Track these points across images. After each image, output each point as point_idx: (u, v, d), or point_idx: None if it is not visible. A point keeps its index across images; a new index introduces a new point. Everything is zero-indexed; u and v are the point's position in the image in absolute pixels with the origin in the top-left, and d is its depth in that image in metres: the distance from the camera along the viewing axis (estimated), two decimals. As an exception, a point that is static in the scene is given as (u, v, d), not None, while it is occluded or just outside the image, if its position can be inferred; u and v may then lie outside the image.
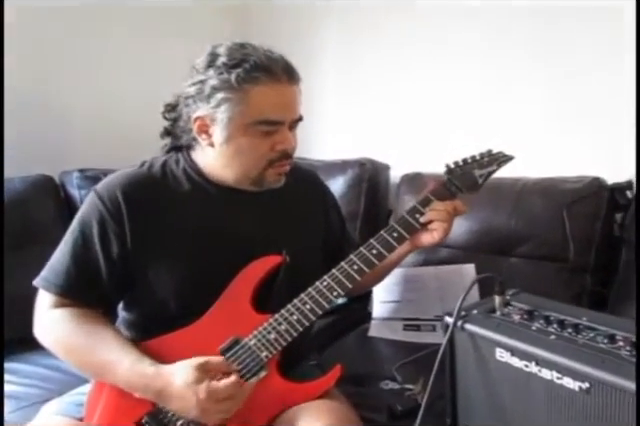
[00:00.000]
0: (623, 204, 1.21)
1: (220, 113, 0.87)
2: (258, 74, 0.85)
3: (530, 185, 1.27)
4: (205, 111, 0.88)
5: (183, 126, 0.95)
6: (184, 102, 0.92)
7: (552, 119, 1.46)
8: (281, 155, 0.91)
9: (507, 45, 1.52)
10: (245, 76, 0.84)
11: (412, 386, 1.07)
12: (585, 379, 0.68)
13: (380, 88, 1.82)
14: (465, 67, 1.61)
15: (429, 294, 1.32)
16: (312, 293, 0.90)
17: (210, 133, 0.90)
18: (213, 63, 0.87)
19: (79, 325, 0.88)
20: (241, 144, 0.89)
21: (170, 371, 0.81)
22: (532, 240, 1.24)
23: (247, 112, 0.86)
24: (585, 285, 1.19)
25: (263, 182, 0.94)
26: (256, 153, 0.90)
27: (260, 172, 0.92)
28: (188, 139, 0.96)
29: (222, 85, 0.85)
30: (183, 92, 0.92)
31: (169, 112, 0.99)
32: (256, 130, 0.88)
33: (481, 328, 0.81)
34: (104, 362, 0.84)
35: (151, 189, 0.93)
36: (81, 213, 0.93)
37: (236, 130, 0.88)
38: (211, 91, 0.86)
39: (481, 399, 0.84)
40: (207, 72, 0.87)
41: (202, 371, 0.79)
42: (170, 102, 0.99)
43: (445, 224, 0.94)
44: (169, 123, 1.00)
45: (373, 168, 1.65)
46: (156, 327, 0.90)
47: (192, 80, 0.90)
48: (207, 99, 0.87)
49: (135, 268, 0.91)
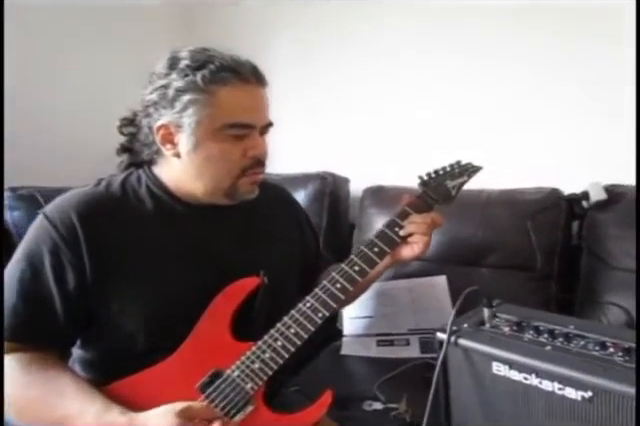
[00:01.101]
0: (579, 214, 1.27)
1: (187, 117, 0.81)
2: (226, 74, 0.80)
3: (494, 197, 1.30)
4: (169, 117, 0.82)
5: (143, 139, 0.88)
6: (144, 112, 0.85)
7: (508, 131, 1.52)
8: (254, 162, 0.86)
9: (463, 57, 1.57)
10: (212, 77, 0.79)
11: (396, 405, 1.04)
12: (588, 388, 0.68)
13: (336, 102, 1.82)
14: (421, 82, 1.65)
15: (402, 308, 1.31)
16: (296, 316, 0.85)
17: (175, 142, 0.83)
18: (175, 66, 0.82)
19: (30, 374, 0.77)
20: (211, 150, 0.83)
21: (145, 418, 0.72)
22: (500, 250, 1.27)
23: (216, 115, 0.81)
24: (551, 292, 1.23)
25: (236, 193, 0.87)
26: (228, 160, 0.84)
27: (233, 181, 0.86)
28: (150, 153, 0.89)
29: (188, 86, 0.80)
30: (143, 101, 0.85)
31: (126, 126, 0.91)
32: (226, 135, 0.82)
33: (475, 342, 0.80)
34: (64, 417, 0.74)
35: (111, 210, 0.84)
36: (28, 241, 0.82)
37: (205, 135, 0.82)
38: (175, 94, 0.80)
39: (477, 414, 0.82)
40: (169, 76, 0.81)
41: (184, 418, 0.71)
42: (126, 116, 0.92)
43: (425, 237, 0.93)
44: (126, 139, 0.92)
45: (334, 181, 1.63)
46: (120, 366, 0.81)
47: (152, 86, 0.83)
48: (171, 103, 0.81)
49: (96, 301, 0.81)
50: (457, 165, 1.04)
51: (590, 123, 1.40)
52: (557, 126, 1.44)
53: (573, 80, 1.42)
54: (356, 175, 1.75)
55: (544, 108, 1.46)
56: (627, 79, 1.31)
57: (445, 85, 1.62)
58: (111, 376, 0.80)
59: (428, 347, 1.26)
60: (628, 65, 1.30)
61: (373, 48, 1.72)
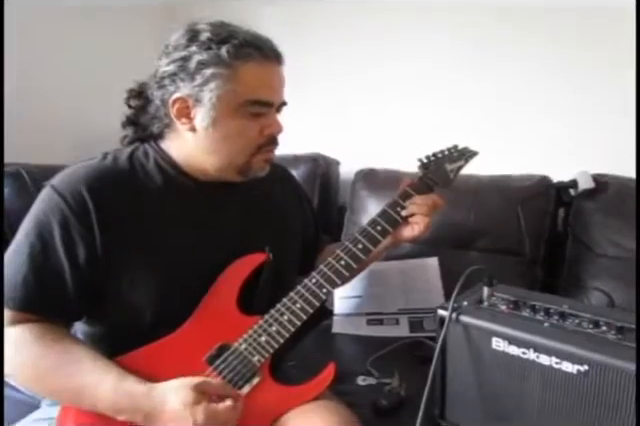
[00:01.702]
0: (566, 201, 1.32)
1: (207, 91, 0.79)
2: (249, 50, 0.79)
3: (485, 183, 1.34)
4: (188, 90, 0.80)
5: (154, 112, 0.86)
6: (158, 84, 0.83)
7: (500, 118, 1.55)
8: (269, 140, 0.86)
9: (456, 43, 1.59)
10: (236, 52, 0.78)
11: (389, 380, 1.08)
12: (584, 362, 0.72)
13: (327, 85, 1.81)
14: (414, 65, 1.66)
15: (392, 288, 1.34)
16: (302, 291, 0.87)
17: (192, 116, 0.82)
18: (196, 38, 0.80)
19: (45, 344, 0.76)
20: (230, 127, 0.82)
21: (163, 390, 0.73)
22: (490, 235, 1.31)
23: (238, 90, 0.80)
24: (537, 276, 1.29)
25: (249, 170, 0.87)
26: (245, 137, 0.83)
27: (248, 159, 0.85)
28: (160, 127, 0.87)
29: (211, 60, 0.78)
30: (157, 72, 0.83)
31: (133, 98, 0.89)
32: (245, 111, 0.81)
33: (477, 319, 0.83)
34: (81, 385, 0.74)
35: (119, 184, 0.82)
36: (36, 213, 0.79)
37: (224, 111, 0.80)
38: (197, 67, 0.78)
39: (473, 387, 0.86)
40: (189, 48, 0.79)
41: (199, 392, 0.72)
42: (133, 88, 0.89)
43: (427, 217, 0.95)
44: (132, 111, 0.90)
45: (325, 164, 1.64)
46: (126, 340, 0.80)
47: (169, 58, 0.81)
48: (192, 76, 0.79)
49: (106, 274, 0.80)
50: (454, 149, 1.06)
51: (581, 113, 1.45)
52: (548, 115, 1.48)
53: (564, 70, 1.46)
54: (346, 158, 1.76)
55: (535, 97, 1.50)
56: (618, 70, 1.36)
57: (438, 71, 1.64)
58: (117, 350, 0.80)
59: (417, 326, 1.31)
60: (619, 56, 1.34)
61: (367, 30, 1.72)
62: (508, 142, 1.52)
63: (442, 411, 0.92)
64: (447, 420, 0.92)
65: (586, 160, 1.37)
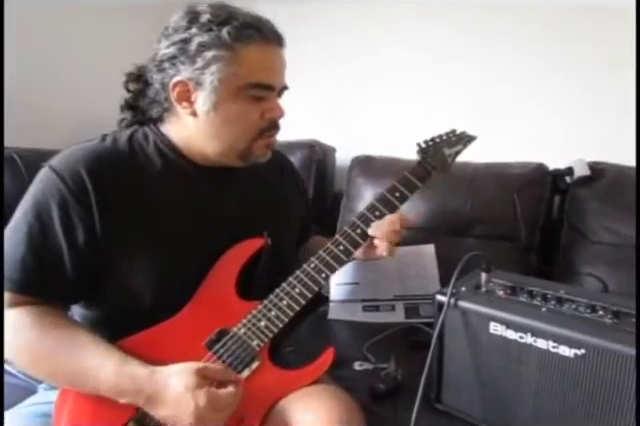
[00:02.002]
0: (562, 189, 1.32)
1: (209, 75, 0.78)
2: (250, 32, 0.77)
3: (482, 170, 1.34)
4: (189, 74, 0.78)
5: (153, 96, 0.84)
6: (158, 67, 0.81)
7: (496, 106, 1.55)
8: (270, 124, 0.85)
9: (454, 31, 1.57)
10: (237, 33, 0.76)
11: (385, 365, 1.09)
12: (581, 346, 0.73)
13: (323, 72, 1.79)
14: (411, 53, 1.65)
15: (388, 275, 1.34)
16: (300, 276, 0.87)
17: (192, 100, 0.80)
18: (196, 20, 0.78)
19: (44, 327, 0.75)
20: (231, 110, 0.81)
21: (166, 373, 0.72)
22: (486, 221, 1.31)
23: (240, 73, 0.78)
24: (532, 263, 1.29)
25: (250, 155, 0.86)
26: (246, 121, 0.82)
27: (249, 143, 0.84)
28: (159, 111, 0.85)
29: (212, 42, 0.76)
30: (156, 55, 0.81)
31: (132, 82, 0.87)
32: (247, 95, 0.80)
33: (475, 304, 0.84)
34: (83, 368, 0.73)
35: (119, 166, 0.81)
36: (34, 194, 0.78)
37: (226, 94, 0.79)
38: (198, 49, 0.77)
39: (469, 371, 0.87)
40: (189, 30, 0.77)
41: (202, 376, 0.72)
42: (132, 71, 0.87)
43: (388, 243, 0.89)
44: (130, 95, 0.88)
45: (321, 150, 1.63)
46: (124, 324, 0.80)
47: (169, 40, 0.79)
48: (192, 59, 0.77)
49: (105, 257, 0.79)
50: (453, 134, 1.05)
51: (576, 101, 1.45)
52: (544, 103, 1.49)
53: (561, 59, 1.45)
54: (341, 145, 1.75)
55: (532, 85, 1.50)
56: (615, 59, 1.35)
57: (435, 59, 1.63)
58: (115, 334, 0.80)
59: (413, 312, 1.31)
60: (617, 45, 1.34)
61: (364, 18, 1.70)
62: (504, 129, 1.52)
63: (438, 395, 0.93)
64: (443, 403, 0.93)
65: (582, 148, 1.37)
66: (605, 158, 1.31)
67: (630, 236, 1.19)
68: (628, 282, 1.14)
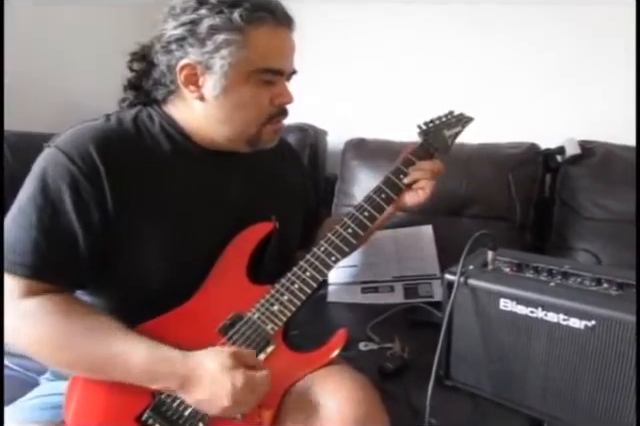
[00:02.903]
0: (553, 168, 1.35)
1: (219, 58, 0.75)
2: (262, 14, 0.75)
3: (476, 150, 1.35)
4: (197, 57, 0.76)
5: (158, 77, 0.82)
6: (164, 48, 0.78)
7: (488, 87, 1.56)
8: (279, 110, 0.84)
9: (444, 12, 1.57)
10: (249, 16, 0.74)
11: (390, 345, 1.10)
12: (592, 318, 0.76)
13: (312, 55, 1.76)
14: (401, 36, 1.64)
15: (387, 257, 1.36)
16: (311, 260, 0.86)
17: (200, 84, 0.78)
18: (205, 1, 0.75)
19: (67, 314, 0.73)
20: (242, 95, 0.79)
21: (199, 355, 0.72)
22: (482, 201, 1.34)
23: (251, 58, 0.76)
24: (526, 240, 1.33)
25: (259, 141, 0.85)
26: (257, 106, 0.80)
27: (259, 128, 0.83)
28: (163, 93, 0.83)
29: (223, 25, 0.74)
30: (163, 36, 0.78)
31: (137, 62, 0.84)
32: (257, 79, 0.78)
33: (485, 282, 0.86)
34: (111, 355, 0.71)
35: (128, 146, 0.79)
36: (41, 175, 0.75)
37: (236, 79, 0.77)
38: (208, 32, 0.74)
39: (479, 348, 0.89)
40: (198, 11, 0.75)
41: (236, 359, 0.71)
42: (136, 50, 0.84)
43: (432, 182, 0.95)
44: (134, 75, 0.85)
45: (314, 133, 1.62)
46: (135, 311, 0.78)
47: (177, 21, 0.76)
48: (202, 42, 0.75)
49: (118, 238, 0.77)
50: (451, 115, 1.06)
51: (566, 82, 1.47)
52: (535, 84, 1.50)
53: (551, 39, 1.47)
54: (332, 128, 1.74)
55: (523, 67, 1.51)
56: (605, 39, 1.38)
57: (424, 40, 1.62)
58: (125, 321, 0.77)
59: (412, 293, 1.33)
60: (607, 27, 1.36)
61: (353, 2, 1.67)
62: (495, 110, 1.53)
63: (447, 371, 0.95)
64: (452, 379, 0.95)
65: (571, 127, 1.40)
66: (593, 137, 1.34)
67: (620, 211, 1.23)
68: (620, 256, 1.18)
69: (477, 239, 0.88)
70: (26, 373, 1.06)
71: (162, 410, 0.75)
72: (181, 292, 0.81)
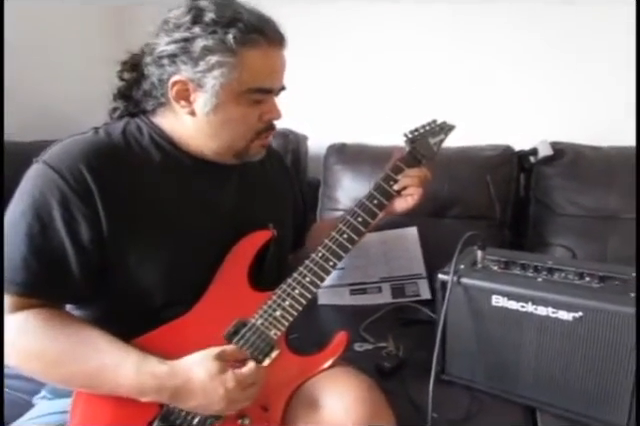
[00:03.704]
0: (527, 168, 1.42)
1: (211, 78, 0.77)
2: (255, 36, 0.77)
3: (456, 153, 1.40)
4: (190, 74, 0.77)
5: (149, 89, 0.82)
6: (156, 62, 0.79)
7: (464, 92, 1.62)
8: (268, 126, 0.86)
9: (416, 17, 1.62)
10: (242, 38, 0.76)
11: (385, 344, 1.14)
12: (579, 309, 0.81)
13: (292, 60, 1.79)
14: (378, 43, 1.68)
15: (374, 259, 1.39)
16: (310, 265, 0.89)
17: (191, 100, 0.79)
18: (200, 19, 0.76)
19: (55, 329, 0.73)
20: (231, 113, 0.81)
21: (186, 366, 0.72)
22: (463, 202, 1.39)
23: (243, 79, 0.78)
24: (505, 238, 1.39)
25: (246, 155, 0.87)
26: (246, 123, 0.83)
27: (247, 144, 0.85)
28: (153, 104, 0.84)
29: (217, 47, 0.75)
30: (155, 50, 0.79)
31: (127, 71, 0.85)
32: (247, 98, 0.80)
33: (477, 280, 0.90)
34: (100, 368, 0.72)
35: (118, 160, 0.79)
36: (29, 192, 0.75)
37: (227, 98, 0.79)
38: (202, 52, 0.75)
39: (472, 343, 0.94)
40: (192, 29, 0.76)
41: (222, 360, 0.73)
42: (127, 60, 0.85)
43: (420, 189, 0.99)
44: (123, 84, 0.86)
45: (295, 139, 1.64)
46: (137, 323, 0.78)
47: (170, 37, 0.77)
48: (195, 61, 0.76)
49: (113, 255, 0.77)
50: (434, 123, 1.10)
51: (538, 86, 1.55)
52: (508, 89, 1.58)
53: (523, 45, 1.54)
54: (312, 133, 1.77)
55: (498, 73, 1.58)
56: (575, 45, 1.46)
57: (403, 46, 1.66)
58: (126, 333, 0.78)
59: (399, 292, 1.37)
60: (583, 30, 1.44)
61: (334, 5, 1.70)
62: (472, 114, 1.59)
63: (443, 366, 0.99)
64: (448, 374, 0.99)
65: (542, 129, 1.48)
66: (563, 138, 1.42)
67: (592, 208, 1.31)
68: (592, 249, 1.25)
69: (465, 239, 0.92)
70: (16, 394, 1.04)
71: (171, 419, 0.76)
72: (182, 303, 0.82)
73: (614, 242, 1.24)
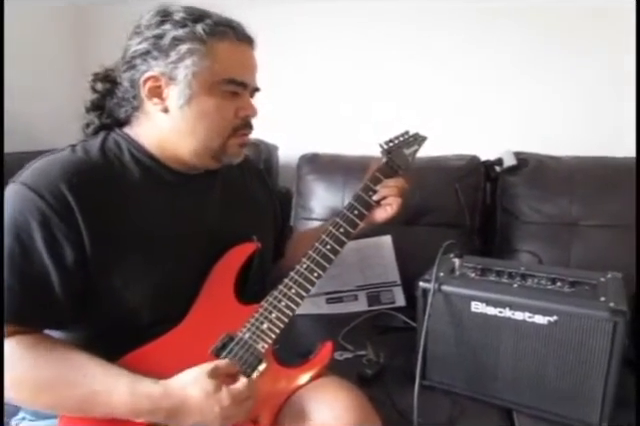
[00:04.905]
0: (493, 177, 1.49)
1: (183, 68, 0.77)
2: (225, 28, 0.79)
3: (426, 163, 1.44)
4: (162, 68, 0.78)
5: (122, 94, 0.82)
6: (128, 64, 0.79)
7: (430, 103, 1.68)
8: (244, 123, 0.85)
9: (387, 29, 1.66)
10: (212, 29, 0.77)
11: (364, 352, 1.15)
12: (553, 313, 0.86)
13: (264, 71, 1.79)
14: (350, 50, 1.71)
15: (349, 267, 1.41)
16: (295, 277, 0.90)
17: (164, 96, 0.79)
18: (169, 17, 0.78)
19: (40, 355, 0.71)
20: (205, 105, 0.80)
21: (180, 385, 0.72)
22: (434, 211, 1.43)
23: (214, 68, 0.78)
24: (475, 245, 1.44)
25: (224, 154, 0.85)
26: (221, 117, 0.82)
27: (223, 141, 0.83)
28: (127, 111, 0.83)
29: (187, 35, 0.77)
30: (127, 52, 0.79)
31: (100, 82, 0.84)
32: (221, 90, 0.80)
33: (456, 287, 0.94)
34: (92, 393, 0.70)
35: (99, 178, 0.77)
36: (10, 214, 0.72)
37: (200, 88, 0.79)
38: (172, 43, 0.76)
39: (453, 349, 0.97)
40: (163, 26, 0.77)
41: (216, 377, 0.72)
42: (99, 71, 0.84)
43: (399, 199, 1.02)
44: (97, 96, 0.85)
45: (266, 148, 1.64)
46: (122, 342, 0.77)
47: (141, 37, 0.78)
48: (166, 53, 0.77)
49: (97, 276, 0.75)
50: (407, 134, 1.13)
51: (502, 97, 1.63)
52: (473, 100, 1.65)
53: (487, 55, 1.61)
54: (282, 143, 1.78)
55: (464, 85, 1.65)
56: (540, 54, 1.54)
57: (371, 59, 1.70)
58: (113, 352, 0.76)
59: (374, 300, 1.40)
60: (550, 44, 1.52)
61: (303, 13, 1.73)
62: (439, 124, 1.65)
63: (423, 372, 1.02)
64: (429, 379, 1.02)
65: (506, 140, 1.55)
66: (525, 148, 1.49)
67: (554, 214, 1.38)
68: (558, 255, 1.32)
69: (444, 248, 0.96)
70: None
71: None
72: (169, 320, 0.81)
73: (577, 248, 1.31)
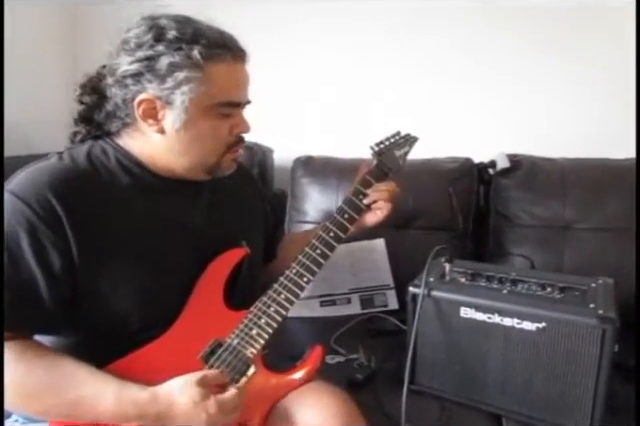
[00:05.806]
0: (486, 180, 1.48)
1: (179, 95, 0.77)
2: (220, 51, 0.78)
3: (419, 166, 1.45)
4: (157, 92, 0.77)
5: (112, 110, 0.82)
6: (119, 82, 0.79)
7: (424, 105, 1.68)
8: (238, 139, 0.86)
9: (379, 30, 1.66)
10: (208, 53, 0.77)
11: (356, 356, 1.15)
12: (542, 320, 0.86)
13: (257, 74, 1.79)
14: (343, 53, 1.71)
15: (342, 270, 1.41)
16: (284, 283, 0.90)
17: (159, 118, 0.79)
18: (162, 37, 0.76)
19: (27, 362, 0.71)
20: (202, 128, 0.81)
21: (168, 392, 0.72)
22: (427, 214, 1.43)
23: (211, 93, 0.79)
24: (467, 248, 1.44)
25: (218, 169, 0.87)
26: (216, 137, 0.83)
27: (218, 158, 0.85)
28: (117, 125, 0.83)
29: (184, 63, 0.76)
30: (118, 71, 0.78)
31: (87, 95, 0.84)
32: (216, 112, 0.81)
33: (446, 293, 0.94)
34: (79, 398, 0.70)
35: (86, 186, 0.78)
36: None
37: (196, 113, 0.79)
38: (169, 69, 0.76)
39: (442, 354, 0.97)
40: (155, 48, 0.76)
41: (204, 386, 0.73)
42: (85, 83, 0.84)
43: (389, 203, 1.02)
44: (83, 108, 0.85)
45: (261, 152, 1.64)
46: (111, 348, 0.77)
47: (132, 57, 0.77)
48: (162, 78, 0.76)
49: (85, 283, 0.75)
50: (398, 135, 1.13)
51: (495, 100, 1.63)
52: (467, 103, 1.65)
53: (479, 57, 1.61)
54: (277, 145, 1.78)
55: (457, 87, 1.65)
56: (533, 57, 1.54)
57: (364, 61, 1.70)
58: (102, 359, 0.76)
59: (368, 303, 1.40)
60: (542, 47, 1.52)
61: (297, 15, 1.72)
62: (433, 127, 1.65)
63: (412, 377, 1.02)
64: (418, 384, 1.02)
65: (499, 142, 1.55)
66: (519, 150, 1.49)
67: (547, 217, 1.37)
68: (551, 259, 1.32)
69: (434, 252, 0.96)
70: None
71: None
72: (158, 325, 0.81)
73: (570, 251, 1.31)
